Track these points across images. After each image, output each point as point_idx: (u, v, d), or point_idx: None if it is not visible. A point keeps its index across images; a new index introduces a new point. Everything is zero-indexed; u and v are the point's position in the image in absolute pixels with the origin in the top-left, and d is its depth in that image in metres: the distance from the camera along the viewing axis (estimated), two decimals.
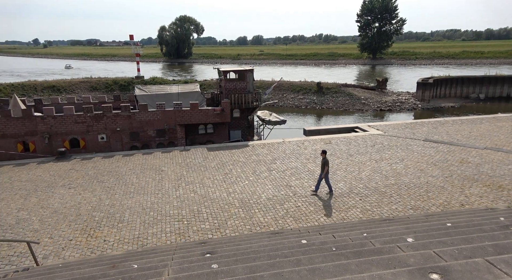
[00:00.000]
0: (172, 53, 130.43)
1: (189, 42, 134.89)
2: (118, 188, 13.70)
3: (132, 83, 51.90)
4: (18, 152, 19.02)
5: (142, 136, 20.96)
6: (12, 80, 55.03)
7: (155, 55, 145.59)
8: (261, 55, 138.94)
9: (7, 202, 12.50)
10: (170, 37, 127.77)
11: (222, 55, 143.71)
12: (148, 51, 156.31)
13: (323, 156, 12.27)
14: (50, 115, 19.43)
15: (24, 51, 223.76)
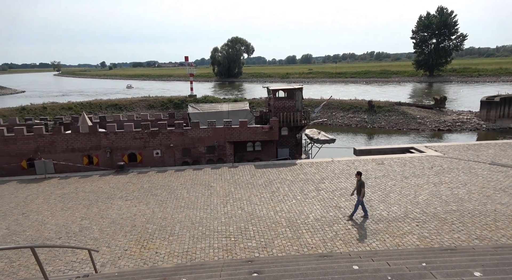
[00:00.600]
0: (223, 73, 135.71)
1: (240, 62, 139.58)
2: (170, 202, 14.25)
3: (185, 102, 54.65)
4: (84, 164, 20.74)
5: (193, 152, 21.76)
6: (82, 99, 60.88)
7: (207, 74, 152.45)
8: (310, 74, 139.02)
9: (73, 211, 13.59)
10: (222, 58, 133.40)
11: (271, 74, 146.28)
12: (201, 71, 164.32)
13: (359, 177, 11.76)
14: (112, 131, 21.03)
15: (93, 73, 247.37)
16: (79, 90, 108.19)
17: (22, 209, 13.93)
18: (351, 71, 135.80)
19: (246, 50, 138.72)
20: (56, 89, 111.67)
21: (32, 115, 42.75)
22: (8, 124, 23.57)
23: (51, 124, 24.89)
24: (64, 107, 50.43)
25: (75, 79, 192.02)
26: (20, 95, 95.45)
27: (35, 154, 20.11)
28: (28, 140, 20.09)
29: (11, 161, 19.93)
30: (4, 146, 19.79)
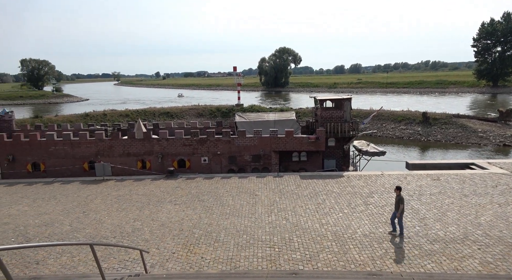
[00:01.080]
0: (270, 83, 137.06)
1: (287, 71, 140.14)
2: (216, 208, 14.53)
3: (232, 110, 55.92)
4: (137, 168, 21.98)
5: (239, 160, 22.08)
6: (137, 107, 64.97)
7: (254, 84, 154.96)
8: (359, 84, 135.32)
9: (126, 212, 14.41)
10: (269, 68, 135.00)
11: (318, 84, 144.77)
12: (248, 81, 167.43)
13: (398, 193, 11.12)
14: (164, 138, 22.09)
15: (148, 83, 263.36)
16: (136, 98, 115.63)
17: (83, 208, 15.07)
18: (404, 81, 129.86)
19: (293, 60, 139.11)
20: (115, 97, 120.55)
21: (94, 121, 46.45)
22: (74, 129, 25.81)
23: (110, 130, 26.84)
24: (122, 114, 54.18)
25: (132, 88, 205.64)
26: (85, 102, 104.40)
27: (95, 157, 21.74)
28: (90, 144, 21.80)
29: (75, 163, 21.74)
30: (70, 149, 21.68)
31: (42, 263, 10.03)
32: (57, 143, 21.71)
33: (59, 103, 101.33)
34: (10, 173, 21.43)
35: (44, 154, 21.67)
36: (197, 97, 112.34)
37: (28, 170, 21.62)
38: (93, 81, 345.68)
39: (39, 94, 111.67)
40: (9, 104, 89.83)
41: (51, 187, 18.54)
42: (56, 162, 21.70)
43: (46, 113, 65.99)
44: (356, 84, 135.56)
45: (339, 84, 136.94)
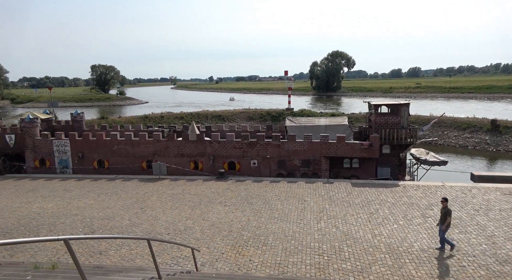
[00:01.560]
0: (322, 87, 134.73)
1: (339, 75, 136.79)
2: (265, 211, 14.59)
3: (282, 114, 55.89)
4: (190, 169, 22.89)
5: (288, 165, 21.96)
6: (191, 110, 67.77)
7: (305, 88, 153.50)
8: (417, 88, 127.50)
9: (179, 211, 15.06)
10: (321, 72, 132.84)
11: (372, 88, 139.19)
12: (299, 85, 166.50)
13: (445, 204, 10.24)
14: (216, 140, 22.76)
15: (202, 87, 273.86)
16: (190, 101, 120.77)
17: (141, 204, 16.05)
18: (469, 85, 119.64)
19: (346, 64, 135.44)
20: (172, 101, 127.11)
21: (152, 122, 49.38)
22: (135, 130, 27.67)
23: (166, 131, 28.32)
24: (177, 116, 56.92)
25: (187, 92, 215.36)
26: (144, 105, 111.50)
27: (153, 157, 23.07)
28: (148, 145, 23.20)
29: (134, 162, 23.27)
30: (131, 148, 23.28)
31: (104, 254, 10.85)
32: (120, 142, 23.42)
33: (122, 105, 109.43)
34: (79, 168, 23.57)
35: (108, 152, 23.50)
36: (248, 100, 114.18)
37: (94, 167, 23.59)
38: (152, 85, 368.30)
39: (105, 97, 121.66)
40: (80, 105, 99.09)
41: (113, 183, 20.04)
42: (118, 160, 23.41)
43: (110, 114, 71.66)
44: (415, 88, 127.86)
45: (395, 89, 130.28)
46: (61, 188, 19.02)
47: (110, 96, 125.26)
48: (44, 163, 23.91)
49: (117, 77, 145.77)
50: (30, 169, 24.01)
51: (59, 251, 10.91)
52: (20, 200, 16.94)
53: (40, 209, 15.51)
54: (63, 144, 23.60)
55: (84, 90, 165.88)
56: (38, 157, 23.88)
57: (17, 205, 16.14)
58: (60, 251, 10.90)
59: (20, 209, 15.46)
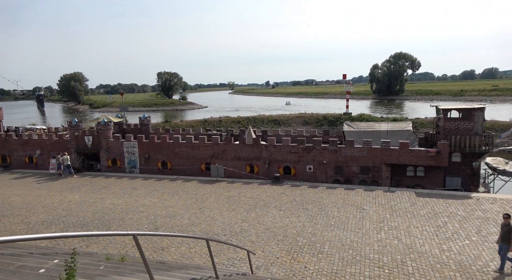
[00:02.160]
0: (382, 90, 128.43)
1: (402, 78, 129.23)
2: (320, 218, 14.26)
3: (340, 119, 54.40)
4: (246, 172, 23.31)
5: (346, 171, 21.24)
6: (248, 114, 69.16)
7: (364, 92, 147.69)
8: (493, 91, 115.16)
9: (235, 213, 15.40)
10: (382, 75, 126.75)
11: (440, 91, 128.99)
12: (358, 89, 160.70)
13: (507, 221, 8.93)
14: (271, 144, 22.89)
15: (258, 91, 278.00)
16: (247, 106, 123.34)
17: (200, 204, 16.74)
18: None
19: (410, 65, 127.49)
20: (229, 105, 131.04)
21: (211, 126, 51.41)
22: (195, 133, 29.03)
23: (224, 135, 29.25)
24: (234, 120, 58.51)
25: (244, 97, 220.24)
26: (204, 109, 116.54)
27: (211, 160, 23.95)
28: (207, 147, 24.15)
29: (194, 164, 24.38)
30: (191, 151, 24.45)
31: (166, 250, 11.50)
32: (181, 145, 24.73)
33: (184, 109, 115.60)
34: (145, 168, 25.36)
35: (171, 154, 24.94)
36: (304, 105, 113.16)
37: (158, 167, 25.20)
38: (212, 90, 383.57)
39: (169, 101, 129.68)
40: (147, 110, 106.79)
41: (175, 184, 21.19)
42: (179, 162, 24.73)
43: (173, 118, 76.12)
44: (491, 91, 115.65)
45: (467, 92, 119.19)
46: (129, 186, 20.62)
47: (173, 101, 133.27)
48: (115, 162, 26.16)
49: (180, 83, 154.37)
50: (104, 168, 26.45)
51: (127, 245, 11.82)
52: (95, 196, 18.73)
53: (111, 204, 16.98)
54: (132, 145, 25.61)
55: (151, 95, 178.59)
56: (110, 157, 26.22)
57: (93, 200, 17.87)
58: (128, 245, 11.79)
59: (95, 204, 17.09)
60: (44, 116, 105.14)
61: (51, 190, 20.28)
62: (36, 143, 28.11)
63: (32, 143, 28.21)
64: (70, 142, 27.08)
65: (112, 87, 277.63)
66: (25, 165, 28.30)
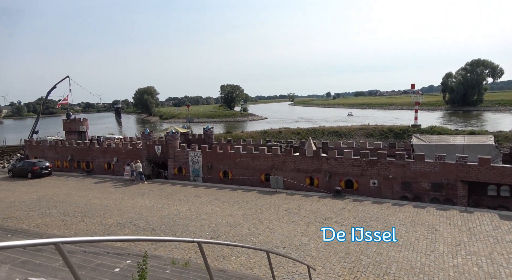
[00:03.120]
0: (457, 101, 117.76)
1: (480, 87, 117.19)
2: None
3: (407, 131, 50.99)
4: (306, 184, 22.93)
5: (415, 188, 19.73)
6: (308, 126, 68.40)
7: (435, 103, 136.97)
8: None
9: (295, 225, 15.17)
10: (456, 84, 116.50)
11: None
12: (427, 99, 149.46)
13: None
14: (332, 157, 22.27)
15: (318, 102, 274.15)
16: (307, 117, 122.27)
17: (259, 215, 16.84)
18: None
19: (491, 73, 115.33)
20: (289, 117, 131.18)
21: (271, 137, 51.83)
22: (255, 144, 29.52)
23: (284, 146, 29.27)
24: (294, 132, 58.27)
25: (304, 108, 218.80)
26: (264, 121, 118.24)
27: (270, 171, 24.06)
28: (267, 158, 24.34)
29: (254, 174, 24.71)
30: (251, 161, 24.86)
31: (227, 259, 11.72)
32: (242, 155, 25.29)
33: (245, 121, 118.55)
34: (208, 177, 26.39)
35: (232, 164, 25.63)
36: (367, 116, 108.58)
37: (220, 177, 26.03)
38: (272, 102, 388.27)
39: (231, 113, 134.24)
40: (210, 121, 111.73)
41: (235, 193, 21.66)
42: (240, 172, 25.27)
43: (235, 129, 78.42)
44: None
45: None
46: (193, 194, 21.59)
47: (234, 112, 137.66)
48: (181, 171, 27.68)
49: (241, 95, 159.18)
50: (170, 176, 28.14)
51: (190, 250, 12.31)
52: (162, 201, 19.95)
53: (177, 211, 17.92)
54: (196, 155, 26.89)
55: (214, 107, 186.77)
56: (177, 166, 27.82)
57: (160, 205, 19.04)
58: (191, 251, 12.28)
59: (162, 210, 18.19)
60: (121, 127, 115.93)
61: (125, 194, 22.11)
62: (114, 151, 31.04)
63: (111, 151, 31.20)
64: (142, 150, 29.39)
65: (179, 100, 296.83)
66: (104, 170, 31.36)
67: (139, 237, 4.14)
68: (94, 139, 39.48)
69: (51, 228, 15.60)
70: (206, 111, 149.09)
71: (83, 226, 15.82)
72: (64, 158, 33.78)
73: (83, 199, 20.86)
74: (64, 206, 19.43)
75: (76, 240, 3.38)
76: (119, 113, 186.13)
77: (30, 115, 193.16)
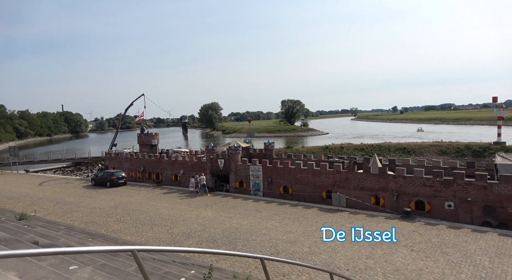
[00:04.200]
0: None
1: None
2: (465, 267, 11.96)
3: (488, 149, 45.88)
4: (371, 204, 21.71)
5: (500, 213, 17.49)
6: (372, 142, 65.30)
7: None
8: None
9: (359, 247, 14.36)
10: None
11: None
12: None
13: None
14: (401, 175, 20.83)
15: (384, 117, 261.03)
16: (371, 133, 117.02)
17: (320, 233, 16.31)
18: None
19: None
20: (352, 132, 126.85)
21: (332, 153, 50.48)
22: (316, 160, 28.97)
23: (346, 163, 28.22)
24: (357, 148, 56.04)
25: (368, 123, 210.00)
26: (325, 136, 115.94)
27: (332, 188, 23.32)
28: (328, 175, 23.68)
29: (315, 190, 24.16)
30: (312, 177, 24.39)
31: (287, 277, 11.49)
32: (302, 171, 24.96)
33: (305, 136, 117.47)
34: (268, 192, 26.49)
35: (292, 179, 25.41)
36: (440, 132, 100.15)
37: (280, 192, 25.94)
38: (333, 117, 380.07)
39: (291, 128, 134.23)
40: (270, 136, 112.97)
41: (295, 209, 21.35)
42: (300, 188, 24.92)
43: (295, 144, 78.06)
44: None
45: None
46: (253, 208, 21.79)
47: (295, 127, 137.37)
48: (242, 184, 28.22)
49: (302, 110, 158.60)
50: (232, 189, 28.84)
51: (251, 265, 12.34)
52: (224, 214, 20.46)
53: (238, 224, 18.20)
54: (257, 169, 27.24)
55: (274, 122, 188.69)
56: (238, 179, 28.45)
57: (222, 218, 19.54)
58: (251, 266, 12.30)
59: (224, 222, 18.64)
60: (187, 141, 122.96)
61: (189, 205, 23.17)
62: (180, 164, 32.90)
63: (178, 164, 33.14)
64: (206, 164, 30.69)
65: (241, 115, 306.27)
66: (171, 182, 33.34)
67: (206, 250, 4.27)
68: (164, 152, 42.39)
69: (125, 234, 16.91)
70: (267, 126, 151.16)
71: (152, 234, 16.87)
72: (138, 169, 36.73)
73: (152, 208, 22.33)
74: (136, 214, 20.98)
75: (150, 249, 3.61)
76: (186, 127, 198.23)
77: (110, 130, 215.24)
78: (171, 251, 3.13)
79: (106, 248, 3.07)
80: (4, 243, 6.17)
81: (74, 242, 8.72)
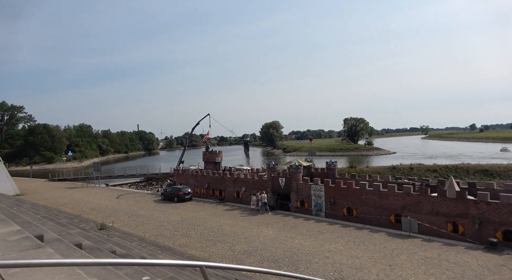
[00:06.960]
0: None
1: None
2: None
3: None
4: (447, 231, 19.63)
5: None
6: (447, 162, 59.69)
7: None
8: None
9: (435, 279, 12.97)
10: None
11: None
12: None
13: None
14: (484, 200, 18.60)
15: (460, 136, 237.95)
16: (445, 153, 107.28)
17: (389, 260, 15.13)
18: None
19: None
20: (422, 151, 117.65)
21: (401, 174, 47.16)
22: (383, 181, 27.30)
23: (418, 185, 26.10)
24: (429, 169, 51.64)
25: (441, 142, 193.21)
26: (392, 155, 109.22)
27: (402, 211, 21.65)
28: (397, 197, 22.08)
29: (382, 213, 22.66)
30: (379, 199, 22.98)
31: None
32: (368, 192, 23.67)
33: (369, 155, 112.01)
34: (331, 213, 25.54)
35: (357, 201, 24.21)
36: None
37: (344, 213, 24.84)
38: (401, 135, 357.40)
39: (354, 147, 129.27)
40: (332, 155, 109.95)
41: (360, 233, 20.19)
42: (365, 210, 23.59)
43: (359, 163, 74.74)
44: None
45: None
46: (315, 229, 21.14)
47: (358, 146, 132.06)
48: (303, 204, 27.67)
49: (366, 128, 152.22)
50: (293, 208, 28.42)
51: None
52: (285, 234, 20.16)
53: (299, 245, 17.77)
54: (319, 189, 26.55)
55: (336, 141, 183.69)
56: (299, 198, 27.99)
57: (284, 238, 19.26)
58: None
59: (285, 242, 18.34)
60: (248, 158, 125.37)
61: (251, 223, 23.33)
62: (242, 181, 33.54)
63: (240, 181, 33.83)
64: (267, 182, 30.82)
65: (302, 133, 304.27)
66: (233, 199, 34.05)
67: (270, 270, 4.23)
68: (227, 169, 43.72)
69: (190, 248, 17.55)
70: (329, 144, 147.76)
71: (215, 250, 17.25)
72: (202, 185, 38.31)
73: (216, 224, 22.94)
74: (201, 229, 21.72)
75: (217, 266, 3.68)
76: (247, 145, 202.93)
77: (178, 147, 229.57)
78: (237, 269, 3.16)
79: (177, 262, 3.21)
80: (88, 251, 6.82)
81: (146, 254, 9.29)
